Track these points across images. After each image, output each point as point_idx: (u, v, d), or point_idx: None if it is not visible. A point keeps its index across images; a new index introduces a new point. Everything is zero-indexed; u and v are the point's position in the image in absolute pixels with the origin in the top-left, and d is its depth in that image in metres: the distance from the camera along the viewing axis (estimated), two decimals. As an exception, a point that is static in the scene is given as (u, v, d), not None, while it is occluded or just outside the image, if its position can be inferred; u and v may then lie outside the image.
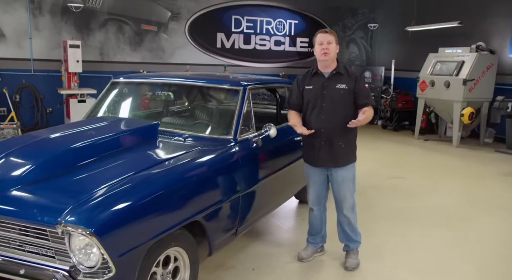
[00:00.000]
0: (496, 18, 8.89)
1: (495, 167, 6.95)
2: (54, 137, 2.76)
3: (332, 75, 3.23)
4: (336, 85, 3.19)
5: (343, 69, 3.25)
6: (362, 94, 3.20)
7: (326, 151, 3.25)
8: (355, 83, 3.19)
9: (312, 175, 3.43)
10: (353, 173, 3.36)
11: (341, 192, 3.35)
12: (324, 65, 3.23)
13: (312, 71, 3.31)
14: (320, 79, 3.25)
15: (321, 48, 3.16)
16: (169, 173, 2.51)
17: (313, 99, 3.24)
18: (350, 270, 3.41)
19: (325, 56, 3.16)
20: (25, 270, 2.11)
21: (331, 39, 3.16)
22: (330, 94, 3.20)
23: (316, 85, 3.24)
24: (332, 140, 3.22)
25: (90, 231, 1.93)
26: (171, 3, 9.41)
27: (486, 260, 3.68)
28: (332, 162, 3.28)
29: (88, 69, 8.37)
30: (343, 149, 3.25)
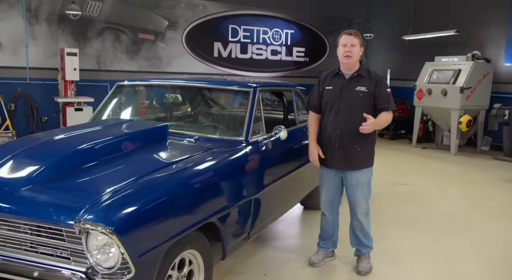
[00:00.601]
0: (490, 28, 9.02)
1: (494, 174, 6.97)
2: (64, 138, 2.68)
3: (353, 77, 3.17)
4: (355, 87, 3.13)
5: (365, 72, 3.19)
6: (382, 98, 3.12)
7: (341, 153, 3.19)
8: (375, 86, 3.12)
9: (326, 177, 3.36)
10: (368, 178, 3.28)
11: (355, 196, 3.28)
12: (346, 67, 3.18)
13: (334, 72, 3.26)
14: (341, 80, 3.20)
15: (344, 51, 3.09)
16: (186, 172, 2.44)
17: (331, 100, 3.20)
18: (363, 275, 3.35)
19: (348, 59, 3.10)
20: (39, 272, 2.02)
21: (355, 42, 3.09)
22: (349, 96, 3.14)
23: (336, 86, 3.20)
24: (347, 143, 3.16)
25: (110, 229, 1.86)
26: (168, 12, 9.41)
27: (500, 264, 3.65)
28: (346, 165, 3.22)
29: (85, 77, 8.28)
30: (359, 152, 3.18)
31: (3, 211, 2.08)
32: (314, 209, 4.83)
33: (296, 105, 4.15)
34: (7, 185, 2.17)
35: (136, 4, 9.04)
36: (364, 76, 3.15)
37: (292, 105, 4.11)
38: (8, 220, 2.11)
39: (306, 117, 4.38)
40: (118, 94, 3.85)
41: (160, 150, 2.84)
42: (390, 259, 3.61)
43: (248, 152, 3.03)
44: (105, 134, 2.73)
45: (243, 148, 3.03)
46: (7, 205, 2.08)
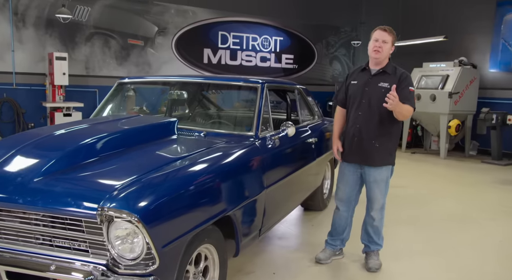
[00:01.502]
0: (476, 35, 9.25)
1: (485, 176, 7.08)
2: (75, 130, 2.58)
3: (378, 73, 3.17)
4: (378, 83, 3.12)
5: (391, 69, 3.17)
6: (401, 94, 3.01)
7: (359, 147, 3.19)
8: (398, 82, 3.07)
9: (345, 172, 3.34)
10: (386, 176, 3.25)
11: (371, 192, 3.28)
12: (374, 62, 3.18)
13: (362, 67, 3.28)
14: (366, 75, 3.21)
15: (374, 45, 3.10)
16: (205, 164, 2.37)
17: (354, 94, 3.20)
18: (373, 271, 3.31)
19: (376, 53, 3.10)
20: (56, 266, 1.91)
21: (387, 39, 3.09)
22: (371, 91, 3.14)
23: (361, 81, 3.21)
24: (365, 138, 3.15)
25: (136, 217, 1.77)
26: (158, 18, 9.35)
27: (507, 258, 3.66)
28: (363, 160, 3.21)
29: (73, 83, 8.12)
30: (377, 148, 3.15)
31: (17, 202, 1.97)
32: (315, 210, 4.80)
33: (299, 104, 4.13)
34: (19, 176, 2.06)
35: (126, 9, 8.96)
36: (389, 73, 3.15)
37: (296, 104, 4.09)
38: (21, 212, 2.00)
39: (308, 116, 4.38)
40: (119, 92, 3.76)
41: (172, 144, 2.77)
42: (397, 257, 3.59)
43: (259, 147, 2.99)
44: (115, 127, 2.65)
45: (254, 142, 2.98)
46: (20, 196, 1.98)
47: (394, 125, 3.20)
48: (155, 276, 1.87)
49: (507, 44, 8.82)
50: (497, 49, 8.98)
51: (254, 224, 2.88)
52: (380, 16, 11.12)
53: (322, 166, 4.50)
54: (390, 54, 3.20)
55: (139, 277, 1.85)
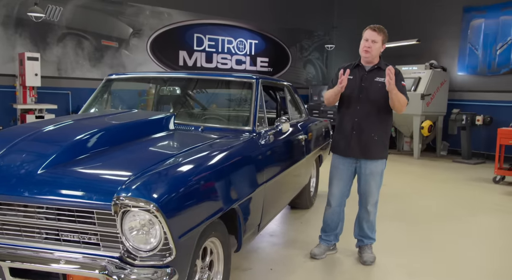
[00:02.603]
0: (445, 39, 9.61)
1: (458, 174, 7.34)
2: (76, 122, 2.49)
3: (373, 69, 3.24)
4: (375, 78, 3.20)
5: (384, 65, 3.23)
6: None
7: (358, 141, 3.23)
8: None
9: (340, 168, 3.37)
10: (382, 168, 3.32)
11: (367, 186, 3.31)
12: (365, 60, 3.26)
13: (355, 64, 3.34)
14: (361, 71, 3.28)
15: (364, 45, 3.18)
16: (212, 155, 2.34)
17: (350, 89, 3.24)
18: (368, 264, 3.36)
19: (366, 53, 3.19)
20: (65, 260, 1.83)
21: (377, 39, 3.16)
22: (368, 86, 3.21)
23: (356, 77, 3.27)
24: (365, 131, 3.22)
25: (155, 205, 1.72)
26: (133, 19, 9.20)
27: (491, 250, 3.83)
28: (362, 153, 3.25)
29: (44, 85, 7.85)
30: (376, 141, 3.23)
31: (22, 195, 1.88)
32: (302, 208, 4.82)
33: (288, 102, 4.15)
34: (22, 168, 1.97)
35: (99, 10, 8.76)
36: (383, 69, 3.19)
37: (285, 101, 4.11)
38: (25, 206, 1.91)
39: (296, 114, 4.40)
40: (107, 88, 3.67)
41: (173, 137, 2.72)
42: (389, 250, 3.64)
43: (257, 141, 2.98)
44: (115, 121, 2.57)
45: (252, 137, 2.97)
46: (26, 189, 1.88)
47: (389, 119, 3.33)
48: (172, 267, 1.81)
49: (474, 48, 9.21)
50: (465, 53, 9.36)
51: (254, 219, 2.86)
52: (354, 19, 11.38)
53: (310, 163, 4.54)
54: (381, 52, 3.27)
55: (154, 268, 1.79)
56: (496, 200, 5.69)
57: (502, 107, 8.60)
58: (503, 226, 4.54)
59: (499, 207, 5.31)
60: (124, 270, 1.78)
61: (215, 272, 2.48)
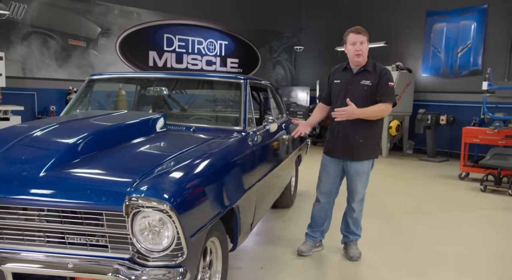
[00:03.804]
0: (409, 42, 9.96)
1: (425, 172, 7.64)
2: (70, 124, 2.43)
3: (359, 71, 3.25)
4: (361, 81, 3.21)
5: (372, 66, 3.25)
6: (380, 90, 3.16)
7: (344, 143, 3.28)
8: (379, 78, 3.18)
9: (327, 166, 3.43)
10: (368, 168, 3.38)
11: (353, 185, 3.39)
12: (355, 64, 3.26)
13: (343, 66, 3.37)
14: (348, 74, 3.30)
15: (355, 49, 3.17)
16: (214, 155, 2.35)
17: (338, 92, 3.29)
18: (355, 260, 3.45)
19: (359, 57, 3.18)
20: (73, 264, 1.78)
21: (363, 39, 3.18)
22: (354, 89, 3.22)
23: (343, 80, 3.30)
24: (350, 134, 3.25)
25: (168, 205, 1.72)
26: (101, 19, 8.97)
27: (469, 242, 4.03)
28: (348, 155, 3.30)
29: (8, 85, 7.52)
30: (361, 144, 3.25)
31: (24, 198, 1.82)
32: (283, 207, 4.88)
33: (271, 102, 4.20)
34: (23, 170, 1.90)
35: (65, 8, 8.49)
36: (370, 71, 3.23)
37: (268, 101, 4.16)
38: (27, 209, 1.85)
39: (278, 114, 4.45)
40: (90, 89, 3.58)
41: (169, 137, 2.71)
42: (371, 246, 3.74)
43: (249, 140, 3.01)
44: (110, 122, 2.52)
45: (244, 137, 2.99)
46: (29, 191, 1.82)
47: (376, 121, 3.30)
48: (184, 266, 1.81)
49: (437, 51, 9.61)
50: (428, 55, 9.75)
51: (248, 218, 2.89)
52: (321, 21, 11.60)
53: (292, 162, 4.61)
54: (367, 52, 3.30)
55: (167, 269, 1.79)
56: (463, 195, 5.97)
57: (463, 107, 9.01)
58: (474, 220, 4.78)
59: (467, 202, 5.58)
60: (136, 271, 1.76)
61: (214, 272, 2.48)
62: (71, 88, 8.31)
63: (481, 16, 8.81)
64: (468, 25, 9.04)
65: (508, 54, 8.42)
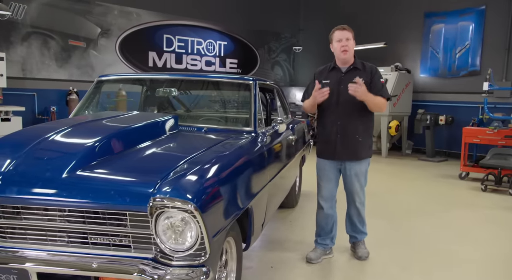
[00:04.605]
0: (408, 43, 10.03)
1: (425, 172, 7.70)
2: (88, 125, 2.44)
3: (349, 70, 3.25)
4: (353, 79, 3.15)
5: (360, 64, 3.28)
6: (375, 87, 3.21)
7: (343, 144, 3.25)
8: (371, 76, 3.22)
9: (326, 170, 3.38)
10: (366, 168, 3.38)
11: (353, 186, 3.35)
12: (342, 61, 3.25)
13: (330, 66, 3.34)
14: (338, 73, 3.27)
15: (341, 46, 3.17)
16: (230, 155, 2.37)
17: (330, 93, 3.21)
18: (364, 260, 3.47)
19: (345, 53, 3.17)
20: (98, 264, 1.80)
21: (349, 36, 3.18)
22: (346, 88, 3.16)
23: (333, 80, 3.26)
24: (349, 133, 3.23)
25: (193, 205, 1.74)
26: (101, 19, 8.97)
27: (475, 242, 4.07)
28: (349, 155, 3.27)
29: (8, 86, 7.50)
30: (360, 142, 3.25)
31: (49, 199, 1.83)
32: (288, 207, 4.91)
33: (277, 103, 4.22)
34: (47, 171, 1.92)
35: (65, 8, 8.49)
36: (360, 69, 3.25)
37: (274, 102, 4.18)
38: (51, 209, 1.86)
39: (284, 115, 4.48)
40: (99, 90, 3.59)
41: (183, 138, 2.72)
42: (378, 245, 3.77)
43: (260, 141, 3.03)
44: (127, 123, 2.53)
45: (255, 137, 3.02)
46: (53, 192, 1.84)
47: (371, 118, 3.36)
48: (208, 266, 1.83)
49: (435, 52, 9.68)
50: (427, 56, 9.82)
51: (260, 218, 2.91)
52: (320, 22, 11.65)
53: (297, 162, 4.64)
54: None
55: (191, 268, 1.81)
56: (464, 195, 6.02)
57: (462, 107, 9.09)
58: (477, 219, 4.83)
59: (468, 201, 5.64)
60: (161, 271, 1.78)
61: (229, 271, 2.50)
62: (71, 89, 8.31)
63: (479, 17, 8.89)
64: (466, 26, 9.12)
65: (506, 55, 8.51)
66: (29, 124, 7.84)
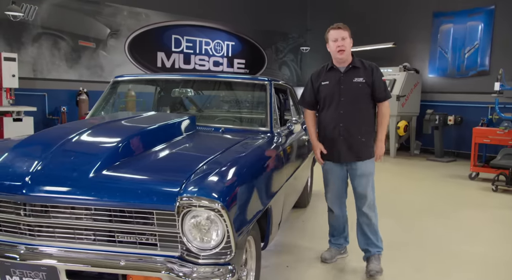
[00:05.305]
0: (416, 43, 10.02)
1: (433, 172, 7.69)
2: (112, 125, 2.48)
3: (348, 69, 3.13)
4: (353, 79, 3.10)
5: (359, 63, 3.16)
6: (379, 87, 3.12)
7: (347, 146, 3.14)
8: (372, 75, 3.11)
9: (333, 172, 3.28)
10: (372, 168, 3.24)
11: (361, 187, 3.22)
12: (339, 61, 3.14)
13: (327, 67, 3.22)
14: (336, 74, 3.16)
15: (336, 46, 3.05)
16: (251, 154, 2.40)
17: (330, 94, 3.15)
18: (373, 275, 3.14)
19: (341, 53, 3.06)
20: (125, 262, 1.83)
21: (345, 35, 3.05)
22: (348, 88, 3.10)
23: (333, 80, 3.15)
24: (352, 134, 3.13)
25: (220, 203, 1.77)
26: (110, 20, 9.02)
27: (487, 242, 4.08)
28: (354, 157, 3.16)
29: (19, 86, 7.56)
30: (364, 142, 3.15)
31: (78, 198, 1.86)
32: (299, 207, 4.92)
33: (290, 103, 4.25)
34: (74, 171, 1.95)
35: (76, 9, 8.55)
36: (359, 67, 3.13)
37: (287, 102, 4.21)
38: (77, 208, 1.90)
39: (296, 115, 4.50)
40: (115, 90, 3.63)
41: (203, 138, 2.76)
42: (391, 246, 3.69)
43: (276, 141, 3.06)
44: (148, 123, 2.56)
45: (271, 137, 3.04)
46: (82, 191, 1.87)
47: (373, 118, 3.24)
48: (233, 264, 1.86)
49: (444, 52, 9.66)
50: (435, 56, 9.80)
51: (278, 217, 2.93)
52: (327, 22, 11.61)
53: (309, 163, 4.66)
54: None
55: (218, 266, 1.83)
56: (475, 195, 6.02)
57: (471, 107, 9.06)
58: (488, 219, 4.83)
59: (479, 202, 5.64)
60: (188, 269, 1.80)
61: (249, 270, 2.52)
62: (81, 89, 8.36)
63: (488, 17, 8.87)
64: (475, 26, 9.10)
65: (515, 55, 8.49)
66: (40, 124, 7.92)
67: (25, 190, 1.87)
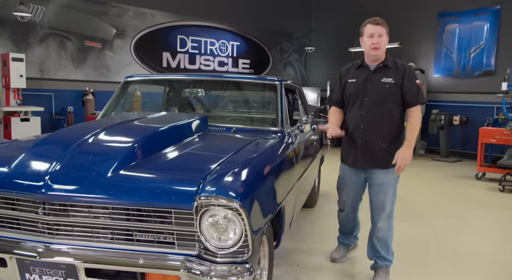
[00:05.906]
0: (421, 43, 10.02)
1: (440, 172, 7.70)
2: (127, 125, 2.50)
3: (378, 68, 2.91)
4: (381, 78, 2.87)
5: (392, 62, 2.93)
6: (410, 91, 2.85)
7: (365, 150, 2.93)
8: (402, 77, 2.85)
9: (349, 176, 3.10)
10: (394, 178, 2.96)
11: (378, 198, 2.97)
12: (372, 58, 2.93)
13: (358, 64, 3.02)
14: (365, 72, 2.95)
15: (371, 42, 2.84)
16: (266, 153, 2.42)
17: (355, 93, 2.95)
18: None
19: (375, 50, 2.85)
20: (144, 260, 1.85)
21: (382, 32, 2.86)
22: (373, 88, 2.88)
23: (360, 78, 2.95)
24: (372, 138, 2.90)
25: (238, 202, 1.78)
26: (116, 20, 9.06)
27: (498, 242, 4.09)
28: (371, 163, 2.94)
29: (26, 86, 7.60)
30: (384, 149, 2.88)
31: (97, 197, 1.88)
32: (307, 207, 4.93)
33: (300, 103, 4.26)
34: (93, 170, 1.97)
35: (82, 10, 8.59)
36: (390, 67, 2.90)
37: (296, 102, 4.22)
38: (95, 206, 1.91)
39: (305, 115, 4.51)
40: (126, 90, 3.65)
41: (216, 137, 2.78)
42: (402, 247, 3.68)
43: (287, 141, 3.07)
44: (162, 123, 2.58)
45: (283, 137, 3.06)
46: (101, 190, 1.89)
47: (400, 124, 2.95)
48: (250, 263, 1.88)
49: (449, 51, 9.66)
50: (440, 56, 9.80)
51: (289, 217, 2.95)
52: (331, 22, 11.66)
53: (318, 163, 4.67)
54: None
55: (235, 264, 1.85)
56: (482, 195, 6.03)
57: (476, 107, 9.05)
58: (497, 219, 4.84)
59: (487, 202, 5.64)
60: (206, 268, 1.82)
61: (262, 269, 2.54)
62: (88, 89, 8.39)
63: (494, 17, 8.86)
64: (481, 26, 9.09)
65: (521, 55, 8.47)
66: (46, 124, 7.96)
67: (44, 189, 1.89)
